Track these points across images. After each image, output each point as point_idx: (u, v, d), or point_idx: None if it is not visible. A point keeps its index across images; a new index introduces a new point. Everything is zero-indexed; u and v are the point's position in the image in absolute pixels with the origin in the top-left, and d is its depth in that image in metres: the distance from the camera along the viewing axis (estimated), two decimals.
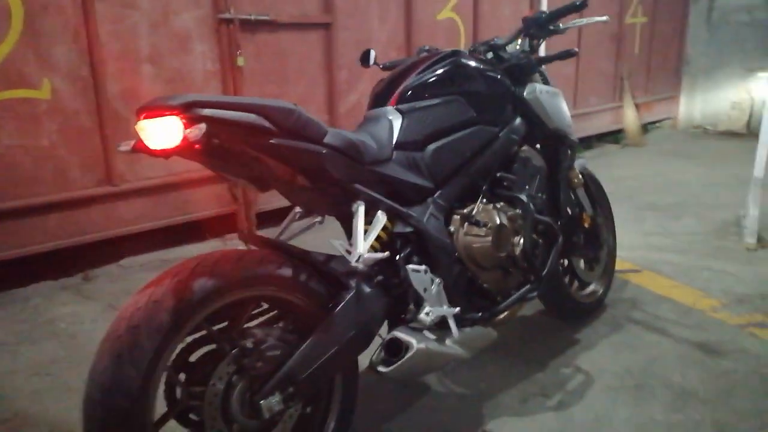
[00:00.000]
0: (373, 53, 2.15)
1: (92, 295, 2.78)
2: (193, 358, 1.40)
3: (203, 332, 1.36)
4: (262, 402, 1.30)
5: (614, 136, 6.42)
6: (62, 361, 2.19)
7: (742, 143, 6.04)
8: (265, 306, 1.50)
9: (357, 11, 3.82)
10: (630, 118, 6.34)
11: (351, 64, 3.81)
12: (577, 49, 2.06)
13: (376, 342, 1.55)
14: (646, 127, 6.80)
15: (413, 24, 4.12)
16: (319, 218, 1.73)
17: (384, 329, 1.60)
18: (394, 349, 1.52)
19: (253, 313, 1.47)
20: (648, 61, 6.69)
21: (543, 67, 2.11)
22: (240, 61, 3.28)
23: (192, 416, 1.40)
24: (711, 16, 7.04)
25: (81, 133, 2.88)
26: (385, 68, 2.13)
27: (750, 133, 6.42)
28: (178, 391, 1.33)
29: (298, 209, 1.70)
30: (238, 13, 3.23)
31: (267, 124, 1.30)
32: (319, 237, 1.69)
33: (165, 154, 1.22)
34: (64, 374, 2.11)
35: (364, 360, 1.55)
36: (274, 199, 3.17)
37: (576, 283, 2.44)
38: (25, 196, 2.75)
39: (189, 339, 1.35)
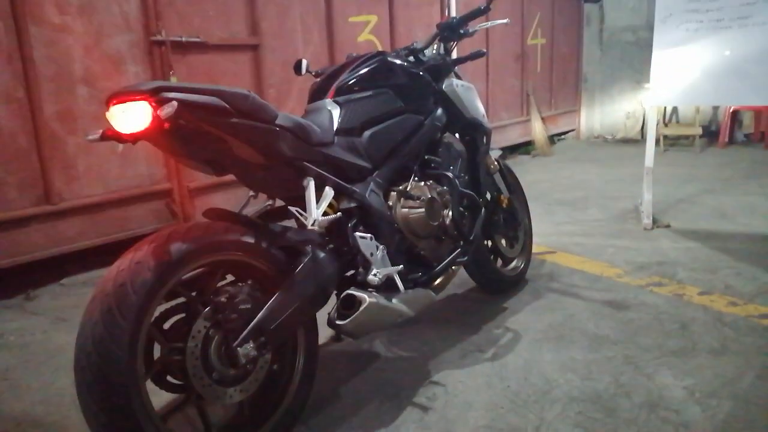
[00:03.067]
0: (305, 62, 2.38)
1: (37, 311, 2.79)
2: (167, 326, 1.54)
3: (178, 300, 1.51)
4: (239, 349, 1.46)
5: (525, 148, 6.95)
6: (18, 368, 2.22)
7: (638, 148, 6.68)
8: (231, 278, 1.67)
9: (283, 34, 4.06)
10: (537, 130, 6.90)
11: (279, 83, 4.04)
12: (485, 50, 2.39)
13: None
14: (552, 138, 7.40)
15: (335, 45, 4.41)
16: (270, 201, 1.92)
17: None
18: (349, 305, 1.71)
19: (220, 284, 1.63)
20: (550, 79, 7.32)
21: (457, 67, 2.42)
22: (172, 81, 3.42)
23: (169, 378, 1.53)
24: (602, 37, 7.83)
25: (18, 154, 2.92)
26: (317, 75, 2.36)
27: (644, 139, 7.11)
28: (157, 352, 1.47)
29: (251, 193, 1.88)
30: (169, 36, 3.39)
31: (227, 106, 1.48)
32: None
33: (135, 137, 1.38)
34: (22, 378, 2.14)
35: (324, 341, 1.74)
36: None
37: (500, 261, 2.74)
38: None
39: (164, 308, 1.50)
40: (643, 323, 2.37)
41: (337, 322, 1.70)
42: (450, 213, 2.12)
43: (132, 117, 1.35)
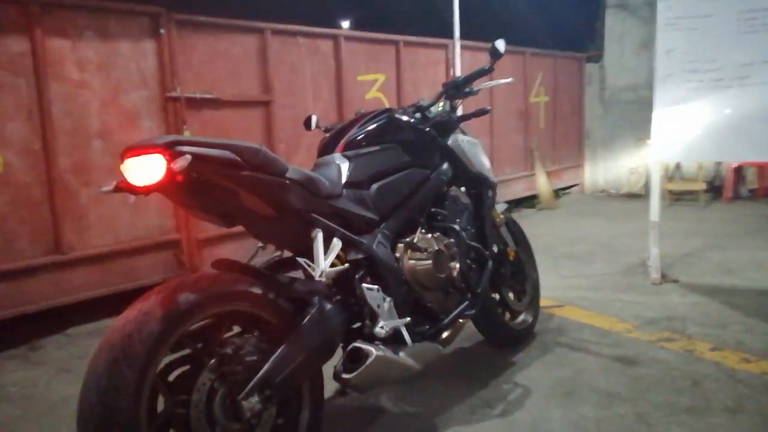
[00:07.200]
0: (315, 118, 2.46)
1: (41, 361, 2.77)
2: (171, 378, 1.53)
3: (183, 352, 1.51)
4: (243, 402, 1.44)
5: (530, 202, 7.00)
6: (19, 420, 2.19)
7: (642, 203, 6.69)
8: (238, 329, 1.66)
9: (293, 91, 4.19)
10: (542, 184, 6.96)
11: (289, 138, 4.13)
12: (489, 108, 2.45)
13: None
14: (557, 193, 7.45)
15: (344, 102, 4.53)
16: (278, 252, 1.93)
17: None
18: (356, 358, 1.70)
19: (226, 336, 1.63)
20: (553, 135, 7.44)
21: (462, 123, 2.47)
22: (186, 135, 3.51)
23: None
24: (603, 95, 7.99)
25: (31, 204, 2.97)
26: (326, 130, 2.43)
27: (648, 193, 7.15)
28: (161, 404, 1.45)
29: (260, 244, 1.90)
30: (184, 92, 3.50)
31: (239, 159, 1.52)
32: None
33: (148, 189, 1.41)
34: (22, 430, 2.11)
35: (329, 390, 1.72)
36: None
37: (508, 314, 2.72)
38: None
39: (168, 360, 1.49)
40: (654, 380, 2.32)
41: (343, 375, 1.68)
42: (457, 265, 2.12)
43: (146, 169, 1.38)
